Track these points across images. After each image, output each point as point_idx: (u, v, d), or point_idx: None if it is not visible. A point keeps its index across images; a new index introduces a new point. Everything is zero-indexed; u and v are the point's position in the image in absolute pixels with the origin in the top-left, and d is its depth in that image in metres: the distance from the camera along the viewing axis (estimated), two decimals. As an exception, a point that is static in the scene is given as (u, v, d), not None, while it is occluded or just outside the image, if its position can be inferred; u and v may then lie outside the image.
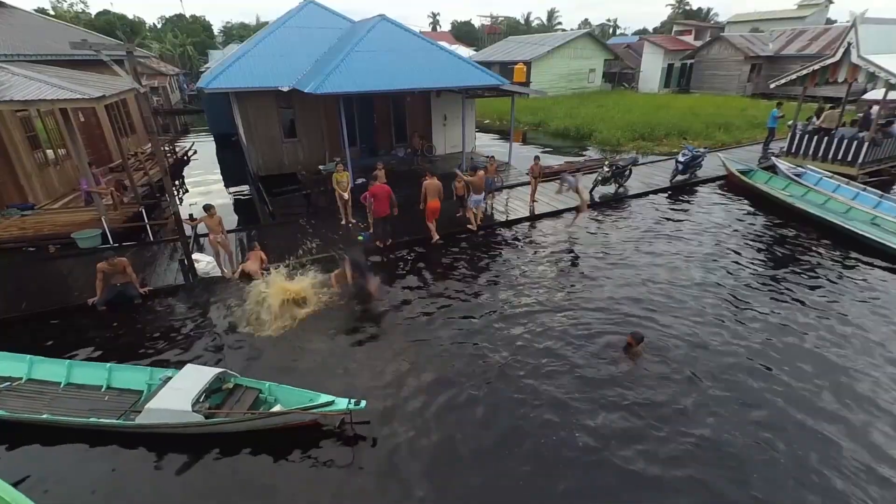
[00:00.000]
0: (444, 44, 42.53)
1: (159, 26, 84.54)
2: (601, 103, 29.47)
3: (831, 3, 67.45)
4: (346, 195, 10.77)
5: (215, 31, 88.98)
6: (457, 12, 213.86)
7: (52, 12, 62.04)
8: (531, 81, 35.66)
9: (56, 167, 13.13)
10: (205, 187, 16.42)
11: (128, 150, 17.23)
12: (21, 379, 5.90)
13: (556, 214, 12.10)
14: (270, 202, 12.65)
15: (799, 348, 6.62)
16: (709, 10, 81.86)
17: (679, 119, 23.02)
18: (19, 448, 5.06)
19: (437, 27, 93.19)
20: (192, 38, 74.13)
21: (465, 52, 48.58)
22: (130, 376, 5.81)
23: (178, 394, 5.05)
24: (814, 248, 9.93)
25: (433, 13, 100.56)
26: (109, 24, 62.86)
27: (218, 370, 5.43)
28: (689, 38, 40.98)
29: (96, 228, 10.05)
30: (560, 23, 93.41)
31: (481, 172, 10.40)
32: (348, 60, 12.11)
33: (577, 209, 11.47)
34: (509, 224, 11.53)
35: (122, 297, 7.77)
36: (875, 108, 15.17)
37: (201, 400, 5.10)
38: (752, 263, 9.28)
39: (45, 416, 5.17)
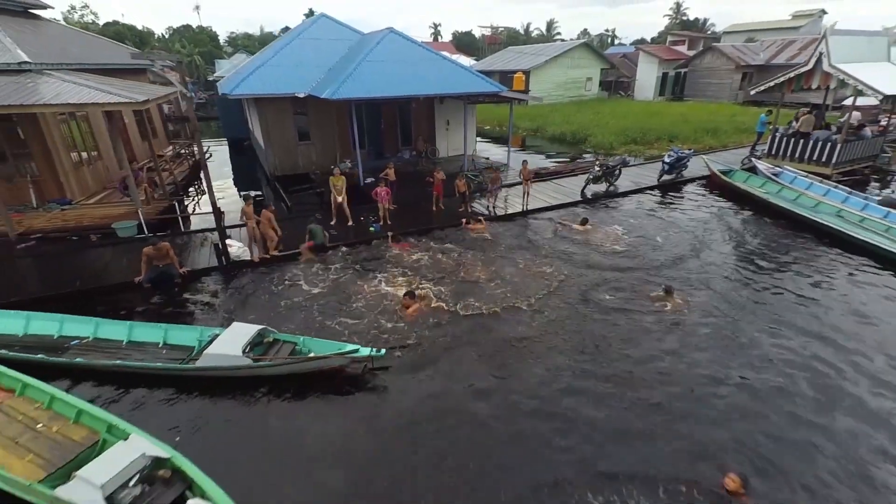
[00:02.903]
0: (445, 54, 44.35)
1: (167, 36, 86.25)
2: (597, 110, 30.69)
3: (825, 13, 69.04)
4: (339, 198, 11.46)
5: (221, 42, 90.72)
6: (458, 23, 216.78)
7: (63, 23, 63.77)
8: (530, 90, 36.89)
9: (88, 167, 14.21)
10: (222, 181, 17.47)
11: (148, 153, 18.38)
12: (88, 337, 6.92)
13: (547, 210, 13.15)
14: (288, 198, 13.74)
15: (765, 307, 7.66)
16: (705, 20, 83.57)
17: (670, 125, 24.19)
18: (101, 388, 6.07)
19: (439, 37, 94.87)
20: (199, 47, 75.95)
21: (466, 61, 49.98)
22: (183, 334, 6.83)
23: (229, 343, 6.08)
24: (784, 238, 10.98)
25: (435, 24, 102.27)
26: (119, 34, 64.45)
27: (260, 326, 6.45)
28: (683, 48, 42.30)
29: (132, 220, 11.11)
30: (559, 33, 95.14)
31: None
32: (360, 69, 13.24)
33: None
34: (510, 217, 12.62)
35: (164, 276, 8.79)
36: (857, 114, 16.41)
37: (247, 350, 6.11)
38: (726, 247, 10.33)
39: (117, 361, 6.19)
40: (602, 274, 9.14)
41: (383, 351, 6.09)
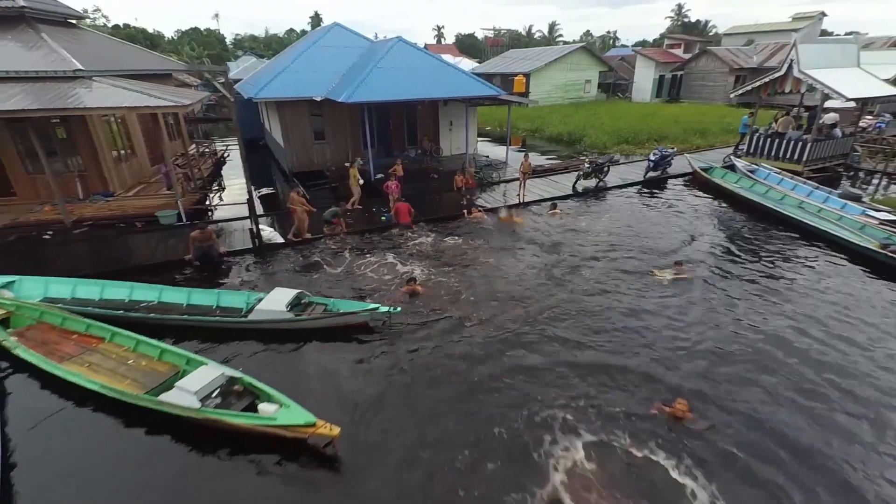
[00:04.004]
0: (448, 56, 45.57)
1: (175, 39, 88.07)
2: (594, 112, 32.04)
3: (825, 15, 70.13)
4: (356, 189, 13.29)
5: (227, 44, 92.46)
6: (461, 25, 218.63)
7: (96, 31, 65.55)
8: (530, 92, 38.30)
9: (126, 163, 15.69)
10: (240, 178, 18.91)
11: (175, 151, 19.91)
12: (154, 301, 8.36)
13: (542, 202, 14.53)
14: (306, 192, 15.15)
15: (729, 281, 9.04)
16: (706, 22, 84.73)
17: (662, 126, 25.53)
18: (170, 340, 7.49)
19: (442, 40, 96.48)
20: (208, 50, 77.78)
21: (468, 63, 51.43)
22: (233, 298, 8.25)
23: (275, 302, 7.51)
24: (751, 227, 12.36)
25: (438, 26, 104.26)
26: (131, 36, 66.19)
27: (297, 290, 7.87)
28: (679, 52, 43.59)
29: (173, 209, 12.56)
30: (561, 35, 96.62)
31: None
32: (372, 75, 14.66)
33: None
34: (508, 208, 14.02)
35: (207, 255, 10.21)
36: (831, 115, 17.81)
37: (289, 308, 7.53)
38: (701, 234, 11.71)
39: (184, 316, 7.63)
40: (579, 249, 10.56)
41: (399, 308, 7.51)
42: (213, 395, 5.63)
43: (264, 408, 5.39)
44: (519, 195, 14.46)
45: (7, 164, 13.29)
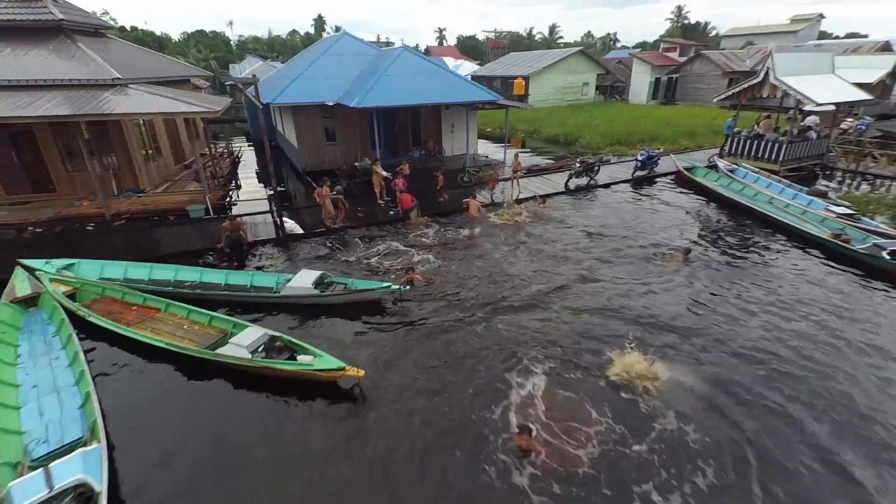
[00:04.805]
0: (450, 58, 46.89)
1: (182, 41, 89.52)
2: (590, 114, 33.32)
3: (823, 17, 71.32)
4: (381, 182, 14.78)
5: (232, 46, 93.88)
6: (462, 26, 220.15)
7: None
8: (529, 94, 39.63)
9: (153, 163, 17.03)
10: (252, 177, 20.28)
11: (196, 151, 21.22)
12: (196, 281, 9.67)
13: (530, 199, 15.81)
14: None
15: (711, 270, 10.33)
16: (706, 24, 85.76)
17: (654, 128, 26.79)
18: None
19: (444, 42, 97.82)
20: (214, 52, 79.28)
21: (469, 66, 52.77)
22: (264, 278, 9.57)
23: (302, 281, 8.82)
24: (727, 220, 13.64)
25: (439, 28, 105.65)
26: (139, 39, 67.73)
27: (320, 272, 9.17)
28: (675, 55, 44.85)
29: (201, 204, 13.88)
30: (561, 37, 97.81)
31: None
32: (381, 82, 15.97)
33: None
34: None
35: (237, 244, 11.51)
36: (812, 118, 19.12)
37: (314, 286, 8.82)
38: (680, 225, 12.99)
39: (224, 292, 8.94)
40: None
41: (407, 287, 8.81)
42: (260, 349, 6.95)
43: (302, 358, 6.70)
44: (511, 193, 15.75)
45: (49, 163, 14.65)
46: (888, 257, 9.78)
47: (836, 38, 76.59)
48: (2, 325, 7.69)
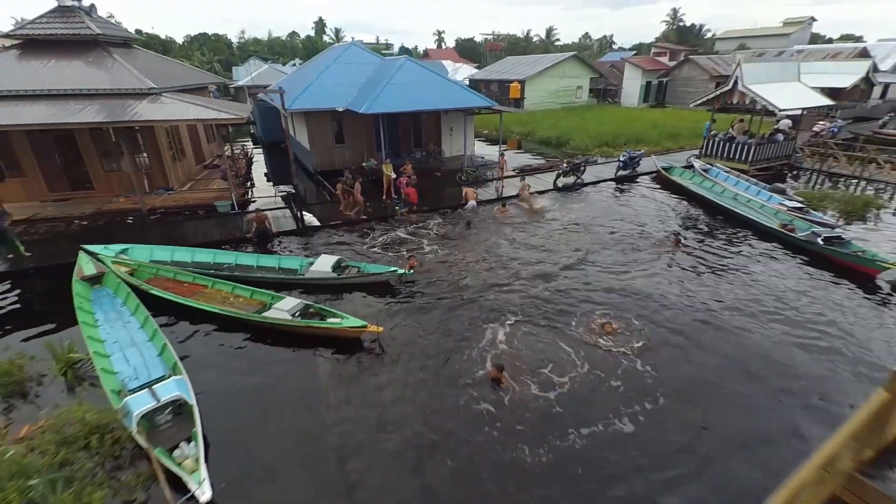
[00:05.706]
0: (448, 61, 48.86)
1: (186, 44, 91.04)
2: (583, 116, 35.02)
3: (814, 20, 73.20)
4: (391, 175, 16.59)
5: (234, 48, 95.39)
6: (461, 26, 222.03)
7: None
8: (525, 97, 41.40)
9: (179, 163, 18.69)
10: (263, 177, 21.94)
11: (213, 152, 22.94)
12: (232, 263, 11.34)
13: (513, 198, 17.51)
14: (330, 187, 18.16)
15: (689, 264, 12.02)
16: (701, 26, 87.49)
17: (641, 130, 28.50)
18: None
19: (443, 44, 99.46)
20: (217, 55, 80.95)
21: (468, 69, 54.49)
22: (290, 261, 11.23)
23: (323, 265, 10.49)
24: (696, 214, 15.35)
25: (438, 31, 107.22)
26: (146, 44, 69.31)
27: (337, 257, 10.84)
28: (665, 59, 46.59)
29: (227, 200, 15.54)
30: (559, 39, 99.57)
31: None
32: (387, 90, 17.65)
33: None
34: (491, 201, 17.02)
35: (263, 234, 13.17)
36: (785, 121, 20.85)
37: (332, 269, 10.50)
38: (656, 219, 14.68)
39: (258, 274, 10.62)
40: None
41: (412, 271, 10.50)
42: (296, 315, 8.62)
43: (332, 319, 8.38)
44: (498, 189, 17.42)
45: (89, 164, 16.31)
46: (822, 243, 11.48)
47: (830, 40, 78.42)
48: (78, 297, 9.34)
